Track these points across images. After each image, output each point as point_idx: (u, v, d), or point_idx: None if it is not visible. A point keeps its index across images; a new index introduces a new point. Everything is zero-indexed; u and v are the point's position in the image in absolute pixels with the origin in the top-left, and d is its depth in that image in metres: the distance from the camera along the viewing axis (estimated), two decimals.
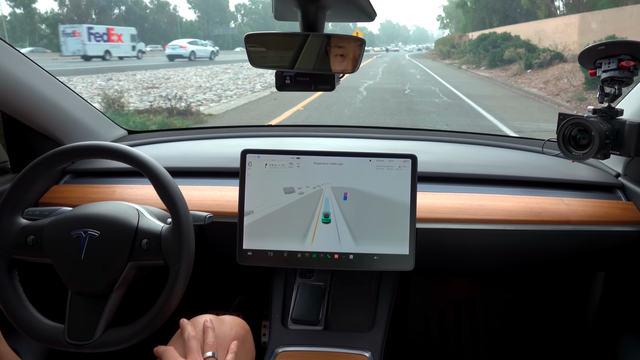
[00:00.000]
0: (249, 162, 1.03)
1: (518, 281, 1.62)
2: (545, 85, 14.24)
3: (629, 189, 1.18)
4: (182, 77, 16.33)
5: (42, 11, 74.22)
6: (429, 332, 1.63)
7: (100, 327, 0.85)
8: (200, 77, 16.75)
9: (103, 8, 63.36)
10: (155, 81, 15.19)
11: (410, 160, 1.03)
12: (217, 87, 13.61)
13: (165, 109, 9.10)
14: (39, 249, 0.87)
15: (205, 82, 14.77)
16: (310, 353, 1.01)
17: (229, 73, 18.62)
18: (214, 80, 15.50)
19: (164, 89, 13.30)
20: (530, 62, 17.56)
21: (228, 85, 13.87)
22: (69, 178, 1.29)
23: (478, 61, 22.92)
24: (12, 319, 0.85)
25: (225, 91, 12.52)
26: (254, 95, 11.86)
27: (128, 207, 0.92)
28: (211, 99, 11.13)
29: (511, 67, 19.48)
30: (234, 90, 12.70)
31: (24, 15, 60.90)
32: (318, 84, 0.81)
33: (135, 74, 17.64)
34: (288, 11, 0.77)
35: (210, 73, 18.69)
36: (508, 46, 20.14)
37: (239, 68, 22.25)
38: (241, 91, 12.62)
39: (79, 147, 0.90)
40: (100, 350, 0.84)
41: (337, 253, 1.02)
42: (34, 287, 1.04)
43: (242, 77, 16.82)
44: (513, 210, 1.12)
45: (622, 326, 1.28)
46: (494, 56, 21.11)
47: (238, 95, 11.70)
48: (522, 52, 18.42)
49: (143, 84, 14.27)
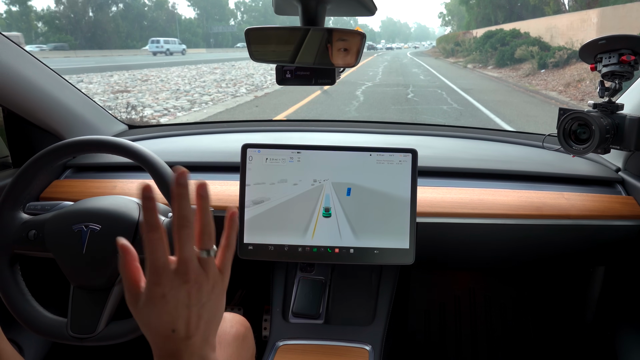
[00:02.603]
0: (250, 157, 1.03)
1: (518, 275, 1.62)
2: (565, 89, 12.49)
3: (629, 184, 1.18)
4: (162, 79, 14.63)
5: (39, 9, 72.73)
6: (429, 326, 1.64)
7: (103, 320, 0.85)
8: (183, 78, 15.09)
9: (100, 5, 61.81)
10: (131, 83, 13.56)
11: (410, 154, 1.02)
12: (196, 90, 11.87)
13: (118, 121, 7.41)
14: (40, 244, 0.88)
15: (185, 85, 13.07)
16: (311, 346, 1.01)
17: (216, 73, 16.98)
18: (196, 82, 13.80)
19: (136, 92, 11.55)
20: (545, 61, 15.95)
21: (209, 89, 12.17)
22: (70, 173, 1.29)
23: (485, 60, 21.37)
24: (16, 313, 0.86)
25: (203, 96, 10.87)
26: (234, 100, 10.21)
27: (129, 201, 0.92)
28: (182, 106, 9.43)
29: (522, 66, 17.82)
30: (212, 95, 11.02)
31: (20, 12, 59.53)
32: (318, 78, 0.81)
33: (112, 75, 15.92)
34: (288, 5, 0.77)
35: (197, 73, 17.08)
36: (518, 44, 18.58)
37: (229, 67, 20.52)
38: (221, 95, 10.97)
39: (80, 142, 0.90)
40: (102, 343, 0.85)
41: (337, 247, 1.02)
42: (37, 281, 1.05)
43: (228, 78, 15.17)
44: (513, 205, 1.12)
45: (622, 320, 1.28)
46: (502, 54, 19.56)
47: (215, 101, 10.07)
48: (535, 50, 16.68)
49: (115, 87, 12.55)
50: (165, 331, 0.49)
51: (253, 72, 17.73)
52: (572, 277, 1.49)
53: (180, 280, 0.50)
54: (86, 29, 55.57)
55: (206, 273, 0.51)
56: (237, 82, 14.22)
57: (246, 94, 11.55)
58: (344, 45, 0.73)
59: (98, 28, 56.20)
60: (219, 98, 10.81)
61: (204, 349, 0.51)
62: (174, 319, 0.49)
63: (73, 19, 57.18)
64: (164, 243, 0.49)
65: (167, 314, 0.49)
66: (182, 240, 0.50)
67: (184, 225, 0.49)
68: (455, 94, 11.46)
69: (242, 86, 13.20)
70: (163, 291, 0.49)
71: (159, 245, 0.49)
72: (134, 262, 0.51)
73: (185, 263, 0.50)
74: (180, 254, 0.50)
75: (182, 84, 13.58)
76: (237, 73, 17.55)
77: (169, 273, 0.49)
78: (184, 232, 0.49)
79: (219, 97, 10.93)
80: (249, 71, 18.53)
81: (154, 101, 10.31)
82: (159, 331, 0.50)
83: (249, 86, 13.20)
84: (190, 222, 0.50)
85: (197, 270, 0.50)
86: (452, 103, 10.04)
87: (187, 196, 0.49)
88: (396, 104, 9.86)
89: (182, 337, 0.50)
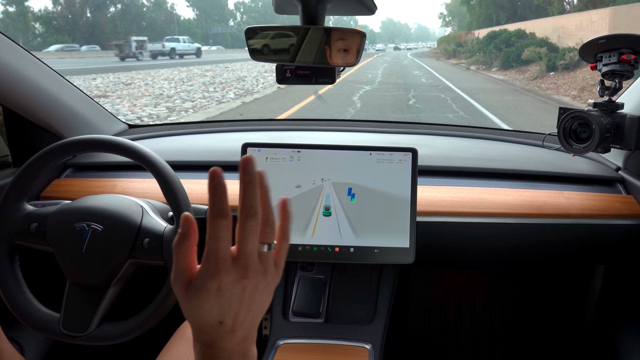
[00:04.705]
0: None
1: (518, 274, 1.62)
2: (580, 93, 11.42)
3: (629, 183, 1.17)
4: (147, 82, 13.54)
5: (36, 9, 71.94)
6: (429, 325, 1.63)
7: (96, 320, 0.85)
8: (170, 81, 13.98)
9: (98, 6, 60.99)
10: (112, 87, 12.51)
11: (410, 153, 1.02)
12: (180, 95, 10.81)
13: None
14: (41, 237, 0.88)
15: (170, 89, 11.98)
16: (311, 345, 1.00)
17: (207, 76, 15.85)
18: (183, 86, 12.72)
19: (115, 97, 10.51)
20: (554, 63, 14.97)
21: (195, 93, 11.08)
22: (70, 172, 1.28)
23: (489, 61, 20.39)
24: (9, 303, 0.86)
25: (185, 102, 9.79)
26: (217, 108, 9.24)
27: (133, 204, 0.92)
28: (158, 114, 8.39)
29: (529, 68, 16.82)
30: (196, 101, 9.96)
31: (17, 13, 58.74)
32: (319, 77, 0.80)
33: (96, 78, 14.86)
34: (288, 4, 0.77)
35: (187, 76, 15.93)
36: (524, 45, 17.56)
37: (221, 70, 19.43)
38: (205, 102, 9.93)
39: (81, 141, 0.90)
40: (93, 343, 0.84)
41: (337, 246, 1.02)
42: (36, 275, 1.06)
43: (218, 81, 14.08)
44: (513, 204, 1.12)
45: (622, 319, 1.28)
46: (507, 56, 18.58)
47: (197, 109, 9.01)
48: (543, 51, 15.60)
49: (94, 91, 11.52)
50: (212, 322, 0.47)
51: (246, 75, 16.68)
52: (573, 276, 1.48)
53: (239, 274, 0.47)
54: (84, 29, 54.90)
55: (265, 269, 0.48)
56: (227, 86, 13.18)
57: (233, 100, 10.55)
58: (346, 44, 0.73)
59: (96, 29, 55.62)
60: (201, 105, 9.81)
61: (245, 342, 0.50)
62: (224, 312, 0.47)
63: (71, 19, 56.52)
64: (229, 232, 0.46)
65: (219, 306, 0.47)
66: (246, 231, 0.46)
67: (251, 215, 0.46)
68: (461, 100, 10.45)
69: (231, 90, 12.16)
70: (220, 284, 0.46)
71: (225, 234, 0.45)
72: (194, 246, 0.47)
73: (246, 257, 0.47)
74: (243, 247, 0.46)
75: (168, 88, 12.52)
76: (228, 76, 16.51)
77: (228, 265, 0.46)
78: (249, 223, 0.46)
79: (202, 104, 9.91)
80: (243, 73, 17.47)
81: (130, 108, 9.32)
82: (204, 320, 0.47)
83: (239, 90, 12.20)
84: (257, 213, 0.46)
85: (256, 265, 0.48)
86: (458, 110, 9.08)
87: (255, 183, 0.46)
88: (396, 112, 9.03)
89: (228, 330, 0.48)
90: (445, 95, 11.27)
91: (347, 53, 0.72)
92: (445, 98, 10.77)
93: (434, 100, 10.40)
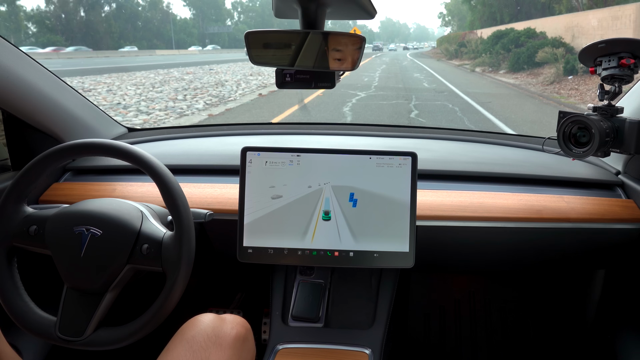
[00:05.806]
0: (249, 160, 1.03)
1: (518, 279, 1.62)
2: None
3: (629, 187, 1.18)
4: (110, 89, 11.66)
5: (28, 9, 70.12)
6: (429, 330, 1.62)
7: (92, 325, 0.84)
8: (139, 86, 12.13)
9: (92, 5, 58.99)
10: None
11: (410, 157, 1.02)
12: (140, 105, 8.97)
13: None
14: (40, 240, 0.87)
15: (132, 98, 10.11)
16: (311, 350, 1.01)
17: (184, 80, 14.02)
18: (150, 92, 10.92)
19: None
20: (573, 65, 13.06)
21: (157, 103, 9.25)
22: (69, 175, 1.29)
23: (497, 63, 18.67)
24: (6, 306, 0.85)
25: (138, 115, 7.96)
26: (175, 123, 7.25)
27: (132, 209, 0.91)
28: None
29: (542, 71, 15.03)
30: (153, 113, 8.12)
31: (8, 12, 56.74)
32: (318, 82, 0.80)
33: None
34: (288, 9, 0.77)
35: (162, 79, 14.11)
36: (537, 45, 15.69)
37: (204, 72, 17.50)
38: (163, 115, 7.99)
39: (81, 145, 0.90)
40: (89, 348, 0.84)
41: (337, 250, 1.02)
42: (33, 278, 1.06)
43: (193, 86, 12.24)
44: (513, 208, 1.12)
45: (622, 323, 1.28)
46: (517, 57, 16.84)
47: (151, 123, 7.11)
48: (560, 52, 13.71)
49: None
50: None
51: (228, 79, 14.89)
52: (573, 281, 1.48)
53: None
54: (77, 29, 53.22)
55: None
56: (202, 92, 11.38)
57: (200, 111, 8.82)
58: (341, 55, 0.73)
59: (90, 28, 53.97)
60: (157, 119, 7.98)
61: None
62: None
63: (64, 19, 54.84)
64: None
65: None
66: None
67: None
68: (473, 112, 8.71)
69: (203, 98, 10.33)
70: None
71: None
72: None
73: None
74: None
75: (131, 96, 10.69)
76: (209, 79, 14.68)
77: None
78: None
79: (159, 117, 8.06)
80: (225, 77, 15.66)
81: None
82: None
83: (212, 98, 10.43)
84: None
85: None
86: (471, 125, 7.19)
87: None
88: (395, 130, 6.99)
89: None
90: (453, 105, 9.54)
91: (347, 57, 0.72)
92: (454, 109, 9.06)
93: (440, 112, 8.67)
